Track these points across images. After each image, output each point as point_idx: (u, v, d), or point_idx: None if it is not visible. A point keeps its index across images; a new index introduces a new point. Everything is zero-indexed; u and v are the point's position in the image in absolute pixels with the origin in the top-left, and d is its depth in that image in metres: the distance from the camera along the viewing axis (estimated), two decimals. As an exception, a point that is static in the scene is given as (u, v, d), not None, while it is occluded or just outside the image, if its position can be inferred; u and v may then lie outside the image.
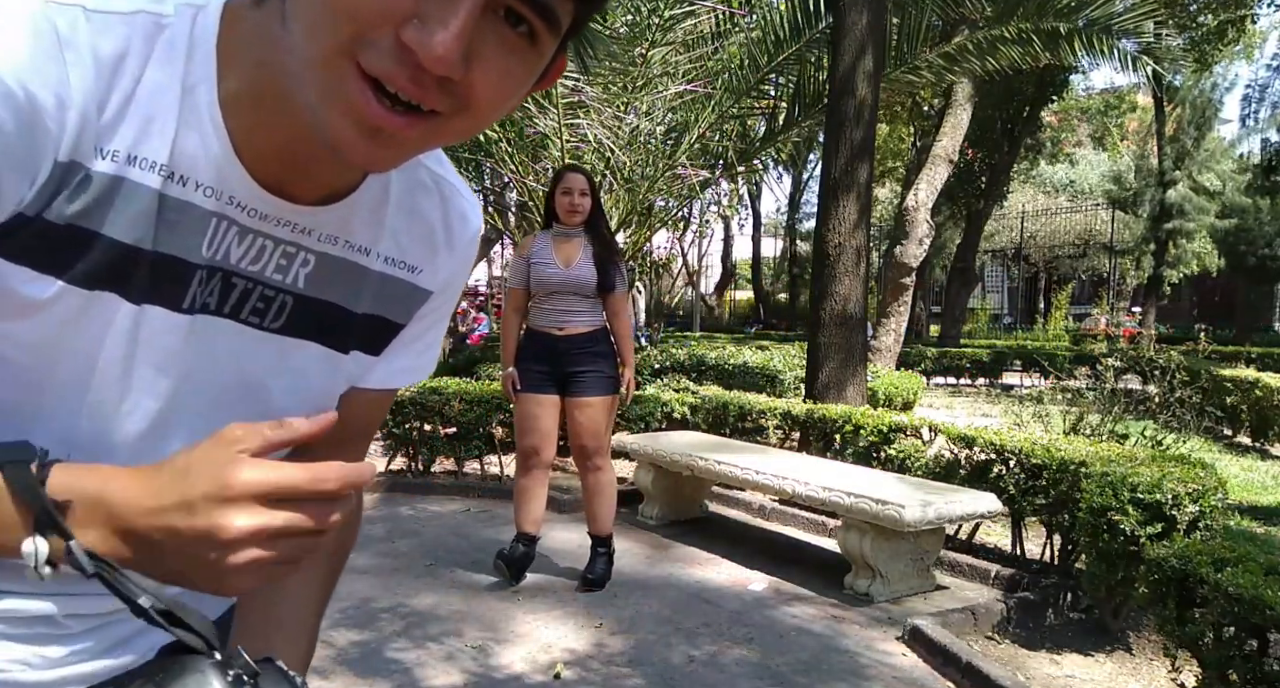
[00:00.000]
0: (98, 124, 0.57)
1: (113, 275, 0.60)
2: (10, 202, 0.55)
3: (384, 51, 0.52)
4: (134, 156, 0.59)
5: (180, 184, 0.61)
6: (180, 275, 0.63)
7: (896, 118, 20.30)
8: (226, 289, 0.66)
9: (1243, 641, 2.31)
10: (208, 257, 0.64)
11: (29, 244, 0.57)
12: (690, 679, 2.93)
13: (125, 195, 0.59)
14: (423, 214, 0.76)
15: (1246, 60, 24.07)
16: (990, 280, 33.25)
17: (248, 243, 0.65)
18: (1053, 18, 7.77)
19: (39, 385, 0.61)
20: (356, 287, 0.73)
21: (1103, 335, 16.40)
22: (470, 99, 0.55)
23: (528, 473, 3.77)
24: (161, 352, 0.64)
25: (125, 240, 0.59)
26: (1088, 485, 3.29)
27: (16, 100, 0.52)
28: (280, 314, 0.69)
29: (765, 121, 9.08)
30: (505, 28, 0.54)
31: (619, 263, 3.79)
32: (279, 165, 0.63)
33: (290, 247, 0.67)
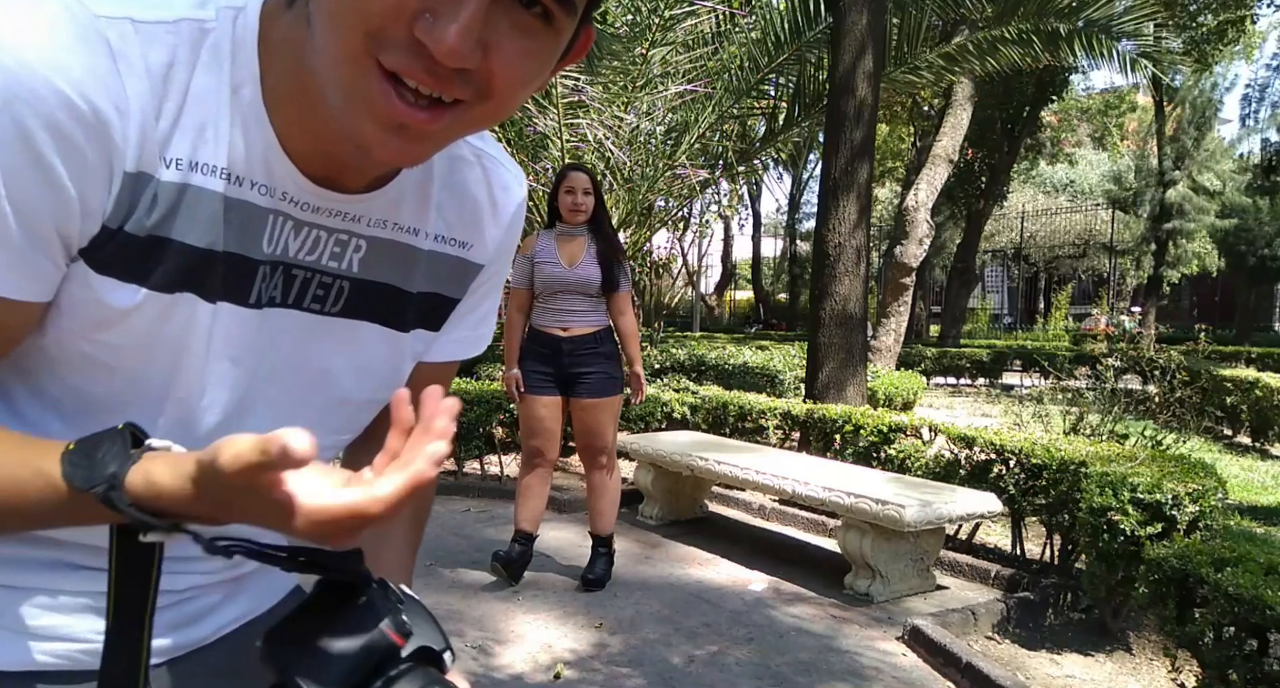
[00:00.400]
0: (156, 133, 0.59)
1: (189, 278, 0.63)
2: (97, 214, 0.58)
3: (399, 48, 0.53)
4: (195, 162, 0.61)
5: (238, 184, 0.63)
6: (246, 272, 0.66)
7: (896, 118, 20.30)
8: (288, 281, 0.69)
9: (1243, 641, 2.31)
10: (269, 252, 0.66)
11: (115, 256, 0.60)
12: (690, 679, 2.93)
13: (193, 201, 0.62)
14: (467, 189, 0.77)
15: (1246, 60, 24.06)
16: (990, 280, 33.26)
17: (303, 235, 0.68)
18: (1053, 18, 7.77)
19: (126, 385, 0.65)
20: (409, 266, 0.75)
21: (1102, 335, 16.39)
22: (491, 85, 0.56)
23: (531, 472, 3.77)
24: (235, 346, 0.67)
25: (199, 245, 0.62)
26: (1088, 485, 3.29)
27: (84, 115, 0.54)
28: (339, 298, 0.72)
29: (765, 121, 9.08)
30: (519, 11, 0.54)
31: (623, 262, 3.78)
32: (322, 159, 0.65)
33: (342, 234, 0.70)
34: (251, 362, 0.69)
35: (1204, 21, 16.67)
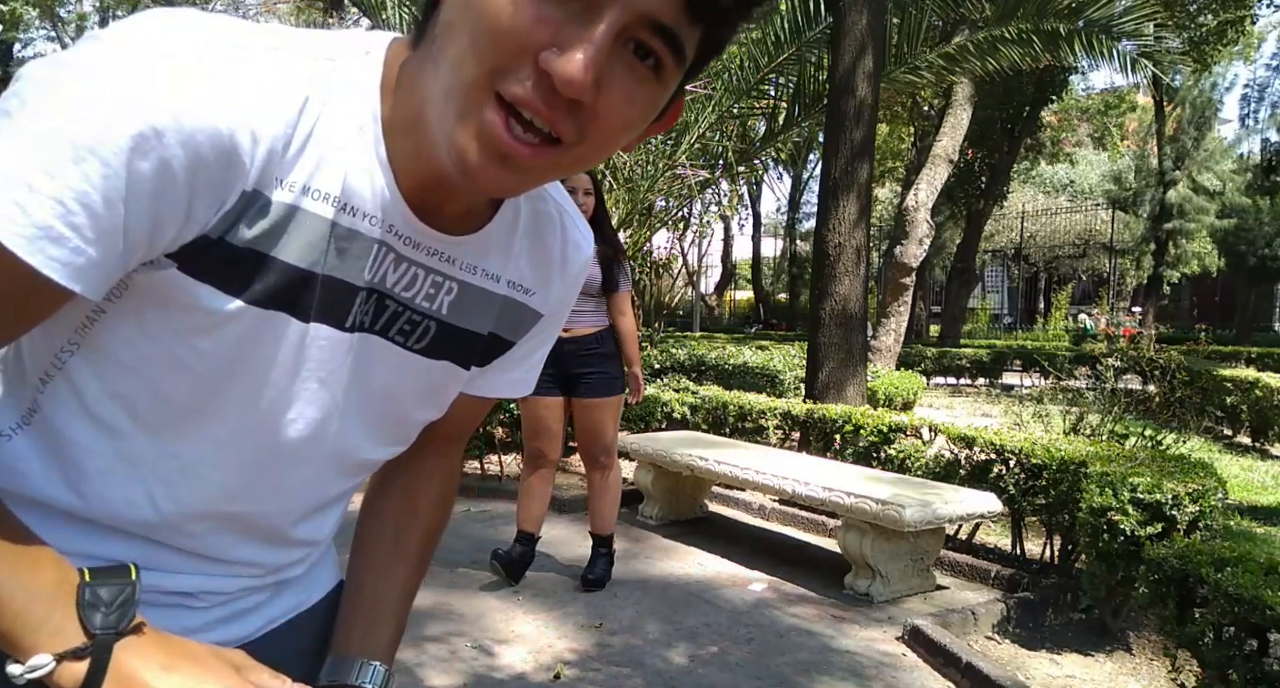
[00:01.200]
0: (282, 158, 0.62)
1: (286, 296, 0.65)
2: (197, 224, 0.60)
3: (522, 78, 0.56)
4: (309, 188, 0.64)
5: (350, 214, 0.66)
6: (346, 297, 0.69)
7: (896, 118, 20.29)
8: (380, 309, 0.72)
9: (1243, 641, 2.31)
10: (369, 280, 0.69)
11: (213, 264, 0.62)
12: (690, 679, 2.93)
13: (300, 223, 0.64)
14: (545, 241, 0.81)
15: (1245, 60, 24.06)
16: (990, 280, 33.25)
17: (402, 270, 0.71)
18: (1053, 19, 7.77)
19: (215, 395, 0.67)
20: (485, 311, 0.79)
21: (1102, 335, 16.39)
22: (593, 126, 0.59)
23: (533, 473, 3.78)
24: (326, 367, 0.71)
25: (300, 265, 0.65)
26: (1088, 485, 3.29)
27: (221, 136, 0.58)
28: (424, 337, 0.76)
29: (765, 121, 9.08)
30: (634, 59, 0.58)
31: (623, 262, 3.79)
32: (430, 194, 0.68)
33: (438, 276, 0.73)
34: (340, 382, 0.72)
35: (1204, 21, 16.67)
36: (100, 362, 0.66)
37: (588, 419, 3.72)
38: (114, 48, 0.56)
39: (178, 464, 0.70)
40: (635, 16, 0.56)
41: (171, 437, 0.69)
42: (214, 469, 0.71)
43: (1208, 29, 16.82)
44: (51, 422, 0.69)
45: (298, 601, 0.88)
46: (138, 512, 0.71)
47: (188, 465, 0.70)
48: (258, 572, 0.80)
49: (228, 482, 0.73)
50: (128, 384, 0.67)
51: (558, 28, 0.55)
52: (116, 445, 0.68)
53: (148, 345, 0.65)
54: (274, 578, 0.83)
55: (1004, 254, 30.66)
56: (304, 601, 0.88)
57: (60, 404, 0.68)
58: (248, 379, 0.68)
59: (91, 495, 0.69)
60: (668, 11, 0.56)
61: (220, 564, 0.77)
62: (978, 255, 20.86)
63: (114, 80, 0.54)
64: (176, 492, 0.71)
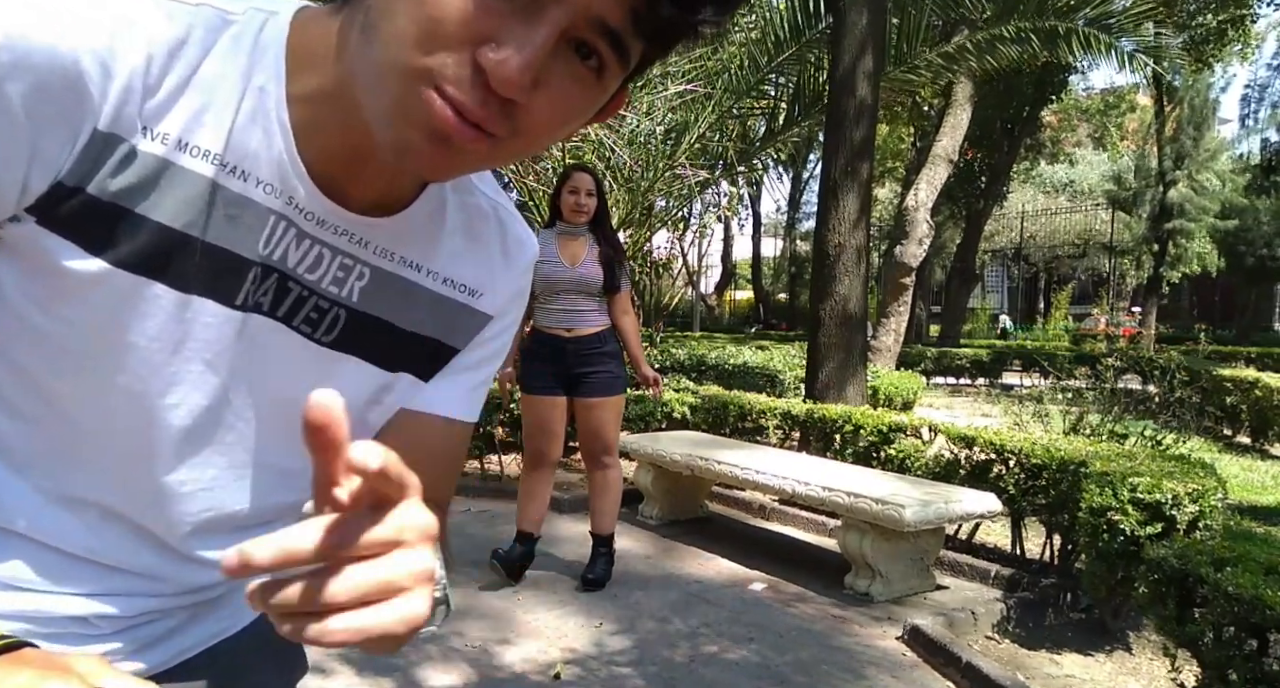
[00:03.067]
0: (146, 103, 0.57)
1: (159, 261, 0.60)
2: (49, 167, 0.56)
3: (457, 71, 0.53)
4: (184, 142, 0.59)
5: (241, 178, 0.61)
6: (234, 269, 0.63)
7: (896, 118, 20.28)
8: (281, 292, 0.66)
9: (1243, 640, 2.31)
10: (264, 254, 0.64)
11: (74, 218, 0.57)
12: (690, 679, 2.93)
13: (173, 179, 0.59)
14: (481, 238, 0.75)
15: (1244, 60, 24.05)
16: (990, 280, 33.25)
17: (305, 248, 0.65)
18: (1051, 17, 7.78)
19: (85, 371, 0.62)
20: (408, 304, 0.72)
21: (1102, 335, 16.39)
22: (527, 124, 0.56)
23: (533, 473, 3.78)
24: (212, 347, 0.64)
25: (173, 225, 0.59)
26: (1088, 485, 3.29)
27: (63, 60, 0.53)
28: (333, 328, 0.69)
29: (765, 121, 9.08)
30: (575, 60, 0.55)
31: (624, 263, 3.79)
32: (340, 169, 0.64)
33: (348, 258, 0.67)
34: (229, 368, 0.66)
35: (1204, 21, 16.67)
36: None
37: (590, 419, 3.72)
38: None
39: (51, 448, 0.64)
40: (582, 17, 0.53)
41: (45, 419, 0.63)
42: (95, 455, 0.65)
43: (1208, 28, 16.82)
44: None
45: (219, 627, 0.78)
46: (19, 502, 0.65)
47: (63, 450, 0.64)
48: (162, 588, 0.71)
49: (108, 472, 0.66)
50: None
51: (501, 21, 0.52)
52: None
53: (7, 317, 0.60)
54: (188, 601, 0.74)
55: (1004, 254, 30.67)
56: (227, 627, 0.79)
57: None
58: (120, 354, 0.61)
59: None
60: (615, 14, 0.53)
61: (117, 576, 0.69)
62: (978, 255, 20.87)
63: None
64: (57, 481, 0.65)
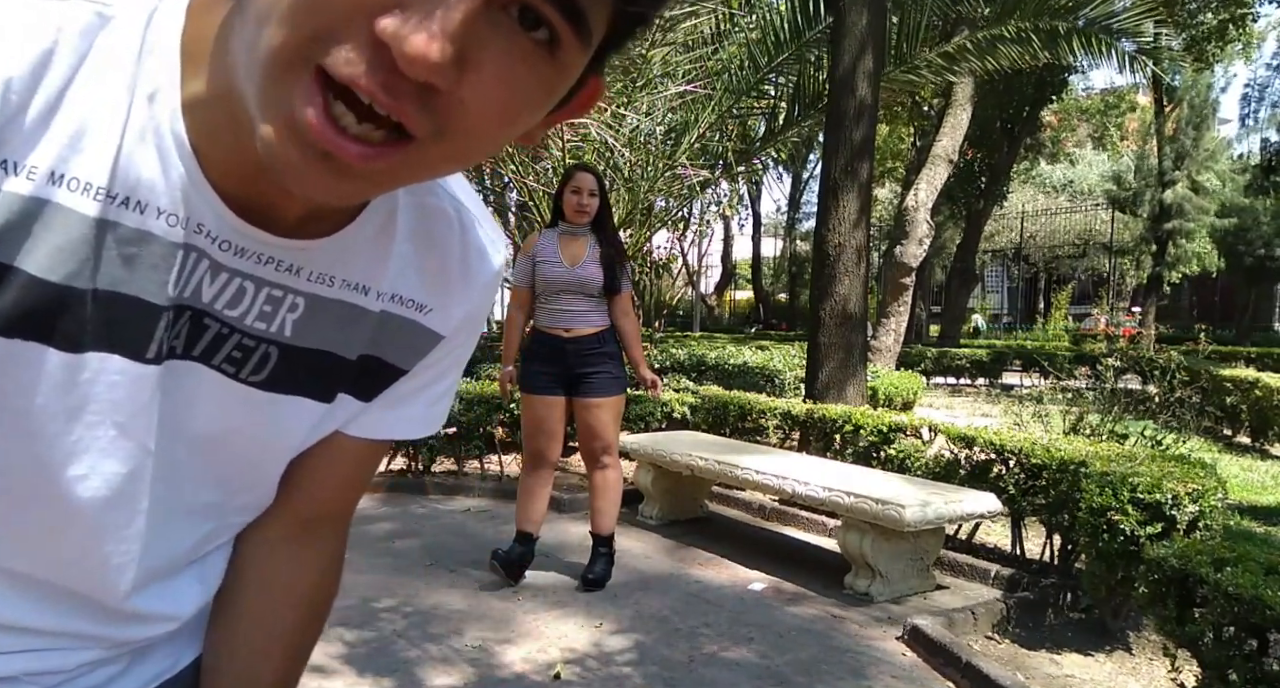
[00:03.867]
0: (6, 133, 0.47)
1: (34, 319, 0.49)
2: None
3: (354, 48, 0.41)
4: (59, 175, 0.48)
5: (136, 210, 0.51)
6: (142, 319, 0.53)
7: (896, 118, 20.29)
8: (196, 330, 0.56)
9: (1243, 641, 2.31)
10: (174, 295, 0.53)
11: None
12: (690, 679, 2.93)
13: (47, 222, 0.48)
14: (438, 244, 0.63)
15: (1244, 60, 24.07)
16: (990, 280, 33.25)
17: (222, 282, 0.55)
18: (1051, 17, 7.78)
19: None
20: (352, 330, 0.62)
21: (1102, 335, 16.39)
22: (457, 118, 0.43)
23: (533, 473, 3.78)
24: (122, 408, 0.54)
25: (49, 278, 0.49)
26: (1088, 485, 3.30)
27: None
28: (262, 367, 0.59)
29: (765, 121, 9.08)
30: (517, 30, 0.42)
31: (624, 264, 3.79)
32: (255, 189, 0.52)
33: (276, 289, 0.57)
34: (147, 427, 0.56)
35: (1204, 20, 16.66)
36: None
37: (590, 419, 3.72)
38: None
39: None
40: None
41: None
42: (5, 526, 0.55)
43: (1208, 27, 16.81)
44: None
45: (160, 668, 0.70)
46: None
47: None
48: (102, 645, 0.64)
49: (26, 541, 0.57)
50: None
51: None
52: None
53: None
54: (133, 646, 0.67)
55: (1004, 254, 30.66)
56: (168, 667, 0.71)
57: None
58: (7, 426, 0.51)
59: None
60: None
61: (46, 637, 0.60)
62: (978, 255, 20.86)
63: None
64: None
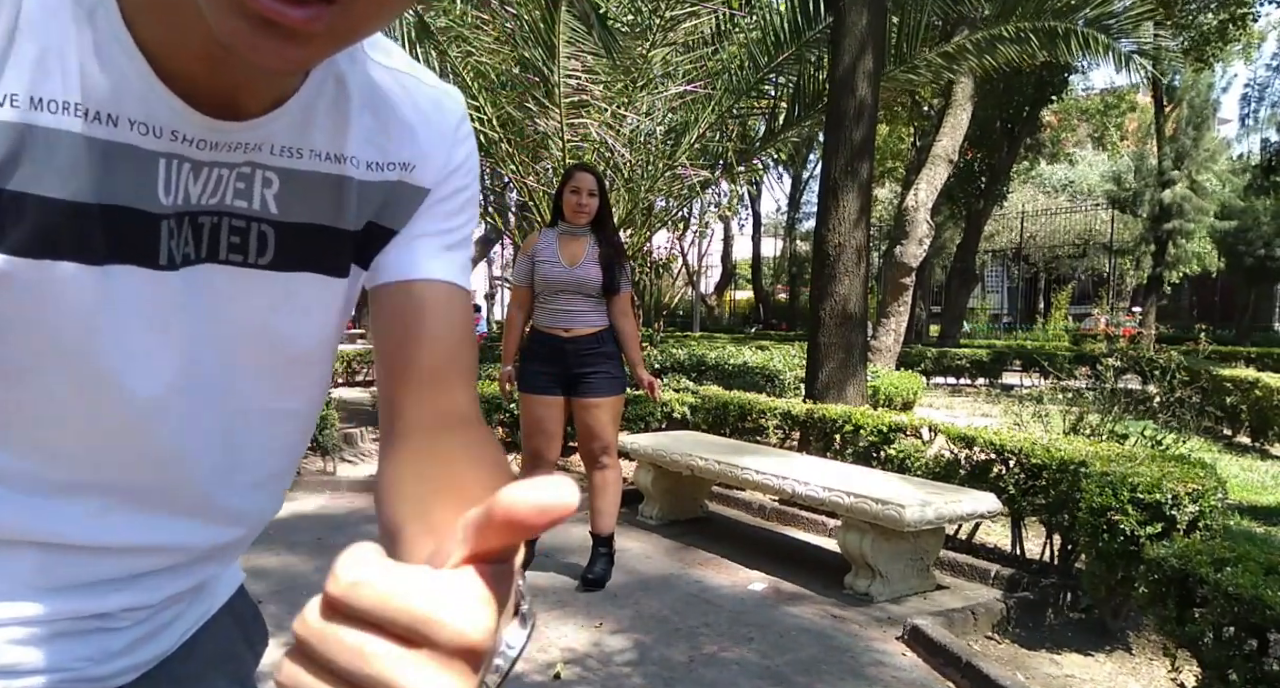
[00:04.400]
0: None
1: (54, 238, 0.53)
2: None
3: None
4: (38, 99, 0.51)
5: (110, 124, 0.53)
6: (145, 229, 0.56)
7: (896, 118, 20.29)
8: (196, 231, 0.59)
9: (1243, 641, 2.31)
10: (168, 203, 0.57)
11: None
12: (690, 679, 2.93)
13: (40, 145, 0.51)
14: (394, 110, 0.67)
15: (1245, 60, 24.06)
16: (990, 280, 33.24)
17: (203, 179, 0.58)
18: (1050, 17, 7.78)
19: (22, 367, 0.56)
20: (338, 200, 0.65)
21: (1102, 335, 16.38)
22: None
23: (531, 473, 3.77)
24: (151, 315, 0.58)
25: (60, 196, 0.52)
26: (1088, 485, 3.29)
27: None
28: (264, 248, 0.62)
29: (765, 121, 9.09)
30: None
31: (624, 264, 3.79)
32: (209, 82, 0.55)
33: (245, 167, 0.60)
34: (181, 328, 0.60)
35: (1204, 20, 16.66)
36: None
37: (589, 419, 3.72)
38: None
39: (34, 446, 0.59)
40: None
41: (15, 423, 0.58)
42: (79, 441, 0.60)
43: (1208, 28, 16.81)
44: None
45: (210, 603, 0.79)
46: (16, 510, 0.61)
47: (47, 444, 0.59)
48: (180, 561, 0.69)
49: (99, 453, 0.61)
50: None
51: None
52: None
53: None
54: (201, 579, 0.73)
55: (1004, 254, 30.66)
56: (215, 602, 0.80)
57: None
58: (57, 343, 0.55)
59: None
60: None
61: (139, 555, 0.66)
62: (978, 255, 20.87)
63: None
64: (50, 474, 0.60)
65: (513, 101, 7.32)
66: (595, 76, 7.18)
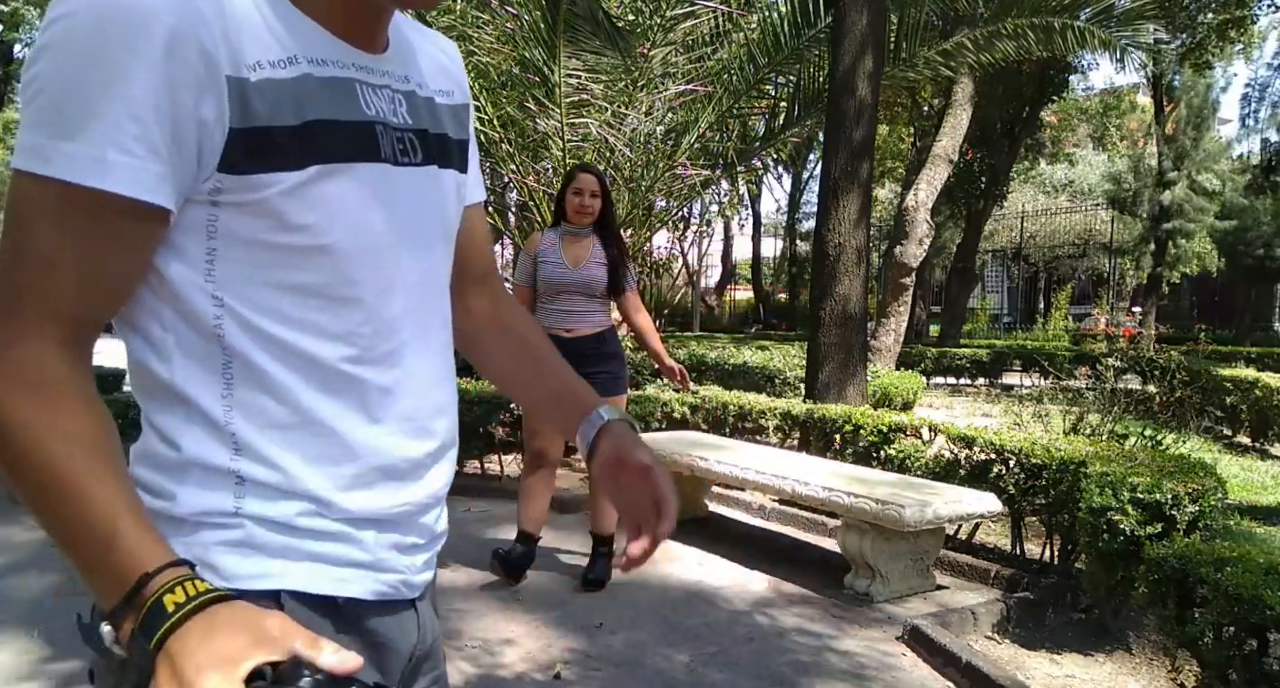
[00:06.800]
0: (231, 43, 0.68)
1: (342, 147, 0.73)
2: (216, 125, 0.67)
3: None
4: (273, 60, 0.70)
5: (319, 65, 0.74)
6: (367, 135, 0.76)
7: (896, 118, 20.30)
8: (388, 140, 0.79)
9: (1243, 641, 2.31)
10: (370, 115, 0.77)
11: (260, 152, 0.69)
12: (690, 679, 2.93)
13: (304, 88, 0.71)
14: (426, 51, 0.90)
15: (1245, 59, 24.03)
16: (990, 280, 33.23)
17: (379, 97, 0.79)
18: (1048, 15, 7.78)
19: (357, 266, 0.76)
20: (433, 115, 0.86)
21: (1102, 335, 16.38)
22: None
23: (534, 473, 3.77)
24: (399, 203, 0.79)
25: (334, 117, 0.73)
26: (1088, 485, 3.29)
27: (185, 35, 0.65)
28: (415, 149, 0.82)
29: (765, 121, 9.08)
30: None
31: (628, 264, 3.80)
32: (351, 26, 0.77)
33: (389, 92, 0.81)
34: (413, 214, 0.81)
35: (1204, 21, 16.64)
36: (243, 290, 0.72)
37: None
38: None
39: (375, 337, 0.77)
40: None
41: (356, 326, 0.76)
42: (402, 329, 0.80)
43: (1208, 28, 16.80)
44: (252, 366, 0.73)
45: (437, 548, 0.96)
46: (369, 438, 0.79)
47: (377, 335, 0.78)
48: (436, 487, 0.86)
49: (407, 336, 0.81)
50: (279, 301, 0.73)
51: None
52: (311, 374, 0.75)
53: (264, 255, 0.71)
54: (444, 486, 0.90)
55: (1004, 254, 30.66)
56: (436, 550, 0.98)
57: (248, 348, 0.73)
58: (362, 232, 0.75)
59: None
60: None
61: (429, 440, 0.84)
62: (978, 255, 20.86)
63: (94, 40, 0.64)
64: (387, 370, 0.79)
65: (513, 101, 7.32)
66: (596, 76, 7.18)
